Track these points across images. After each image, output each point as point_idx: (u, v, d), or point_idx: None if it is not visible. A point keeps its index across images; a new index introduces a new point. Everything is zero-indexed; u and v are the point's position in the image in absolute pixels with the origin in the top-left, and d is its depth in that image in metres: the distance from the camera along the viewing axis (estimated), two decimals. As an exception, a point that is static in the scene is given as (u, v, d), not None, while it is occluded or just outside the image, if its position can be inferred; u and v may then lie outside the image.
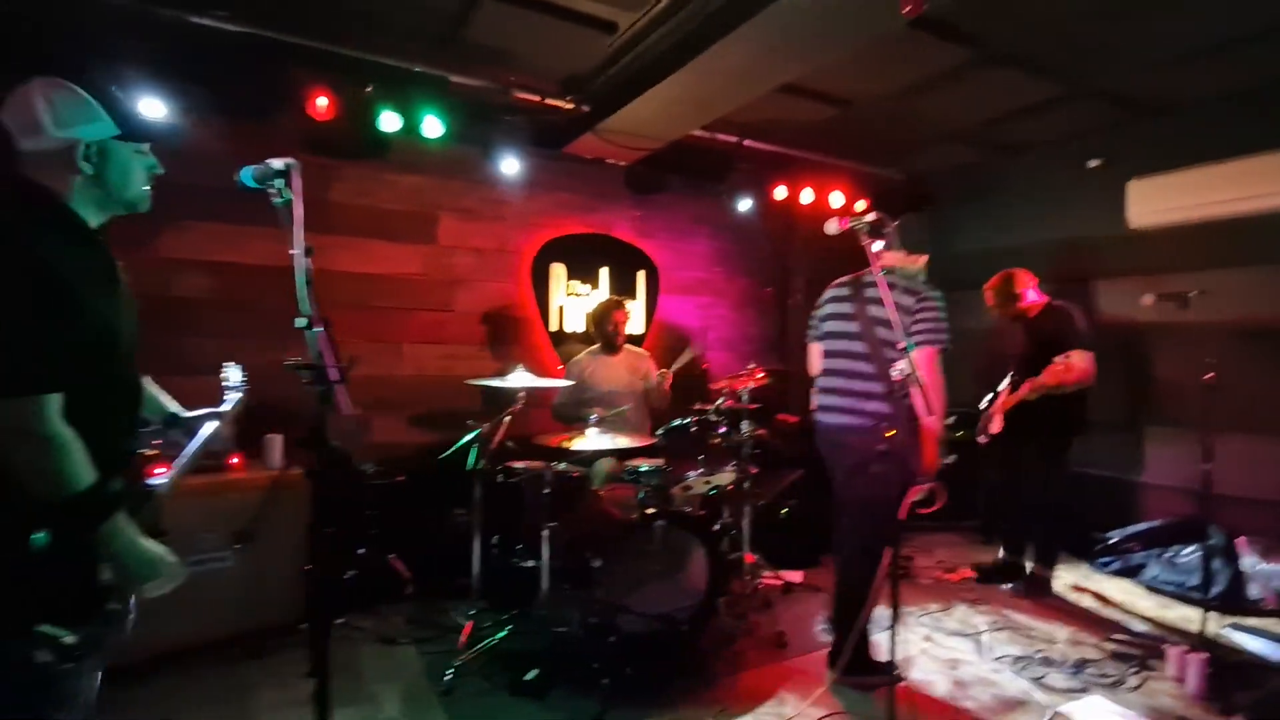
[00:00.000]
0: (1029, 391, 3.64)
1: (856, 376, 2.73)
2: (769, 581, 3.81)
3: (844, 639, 2.63)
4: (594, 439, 3.19)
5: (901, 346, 2.10)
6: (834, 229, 2.25)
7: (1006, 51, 3.50)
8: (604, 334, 4.07)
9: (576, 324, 4.80)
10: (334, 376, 1.28)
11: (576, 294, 4.82)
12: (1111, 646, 3.13)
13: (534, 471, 3.18)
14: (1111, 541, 4.31)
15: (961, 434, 4.18)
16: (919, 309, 2.65)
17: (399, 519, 3.68)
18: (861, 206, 5.32)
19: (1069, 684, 2.80)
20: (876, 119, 4.42)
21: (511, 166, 4.19)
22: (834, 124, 4.49)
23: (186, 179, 3.52)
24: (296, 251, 1.35)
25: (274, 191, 1.42)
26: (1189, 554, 3.82)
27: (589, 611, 2.72)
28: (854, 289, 2.87)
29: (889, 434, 2.25)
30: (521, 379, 3.13)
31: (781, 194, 5.09)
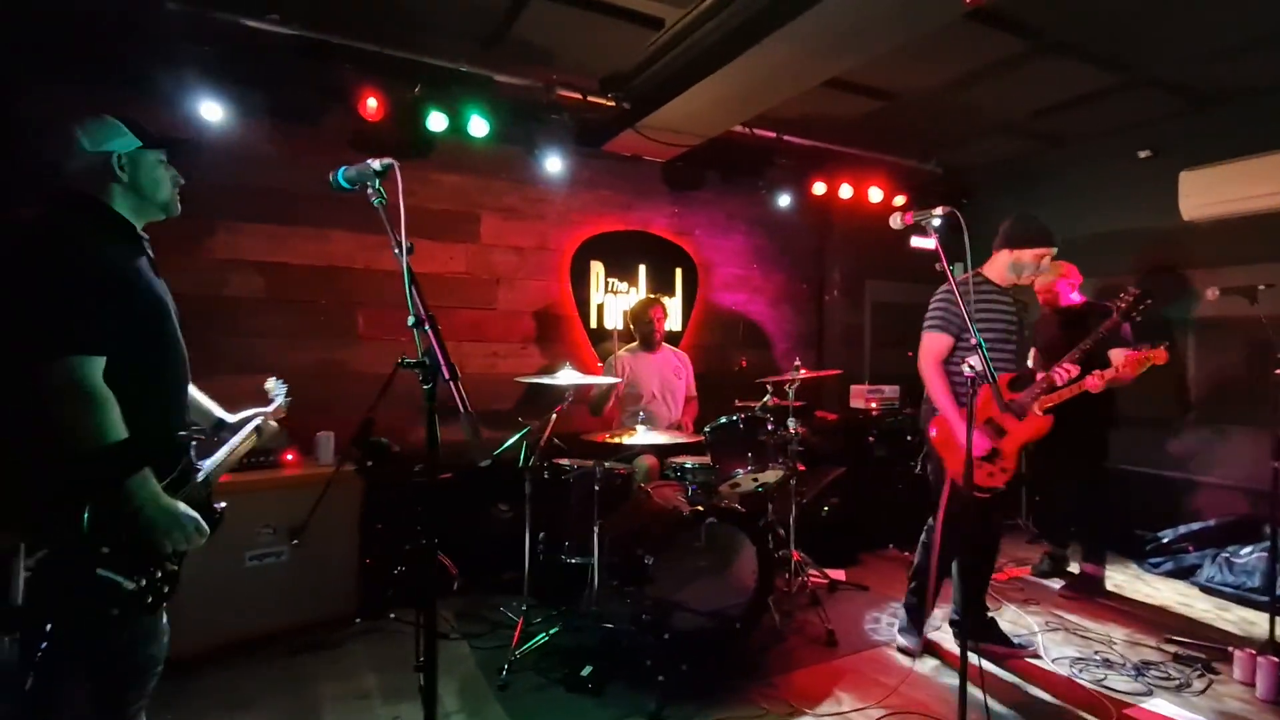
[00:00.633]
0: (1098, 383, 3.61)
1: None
2: (815, 580, 3.78)
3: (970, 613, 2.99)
4: (642, 435, 3.20)
5: (974, 343, 2.07)
6: (898, 224, 2.22)
7: (1060, 40, 3.42)
8: (642, 332, 4.12)
9: (615, 322, 4.81)
10: (446, 374, 1.29)
11: (615, 292, 4.83)
12: (1172, 649, 3.06)
13: (584, 469, 3.18)
14: (1164, 541, 4.22)
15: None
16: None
17: (445, 515, 3.72)
18: (900, 201, 5.26)
19: (1132, 687, 2.74)
20: (920, 112, 4.36)
21: (553, 165, 4.20)
22: (875, 118, 4.44)
23: (238, 181, 3.61)
24: (396, 251, 1.36)
25: (372, 192, 1.44)
26: (1248, 554, 3.72)
27: (641, 608, 2.72)
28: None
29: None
30: (569, 376, 3.15)
31: (820, 190, 5.05)
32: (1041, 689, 2.75)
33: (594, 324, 4.74)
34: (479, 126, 3.67)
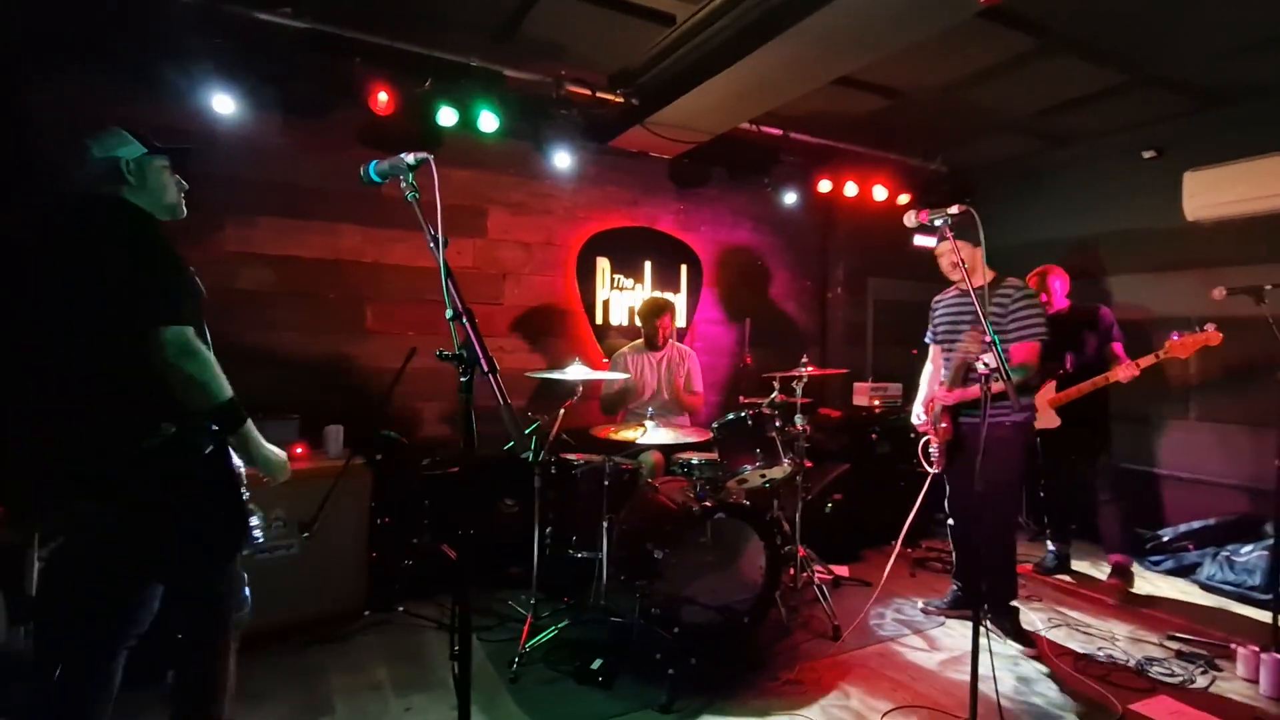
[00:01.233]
0: (1093, 387, 3.65)
1: None
2: (820, 575, 3.81)
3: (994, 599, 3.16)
4: (651, 432, 3.21)
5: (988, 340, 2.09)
6: (911, 222, 2.23)
7: (1066, 39, 3.43)
8: (648, 333, 4.20)
9: (620, 318, 4.82)
10: (485, 367, 1.30)
11: (621, 288, 4.84)
12: (1175, 645, 3.09)
13: (593, 464, 3.20)
14: (1164, 539, 4.25)
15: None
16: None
17: (452, 509, 3.73)
18: (905, 200, 5.27)
19: (1135, 683, 2.77)
20: (927, 110, 4.36)
21: (561, 161, 4.20)
22: (881, 115, 4.45)
23: (248, 174, 3.61)
24: (432, 245, 1.38)
25: (405, 185, 1.46)
26: (1249, 553, 3.75)
27: (650, 602, 2.74)
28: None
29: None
30: (579, 372, 3.16)
31: (825, 187, 5.05)
32: (1050, 683, 2.78)
33: (599, 320, 4.75)
34: (488, 122, 3.66)
